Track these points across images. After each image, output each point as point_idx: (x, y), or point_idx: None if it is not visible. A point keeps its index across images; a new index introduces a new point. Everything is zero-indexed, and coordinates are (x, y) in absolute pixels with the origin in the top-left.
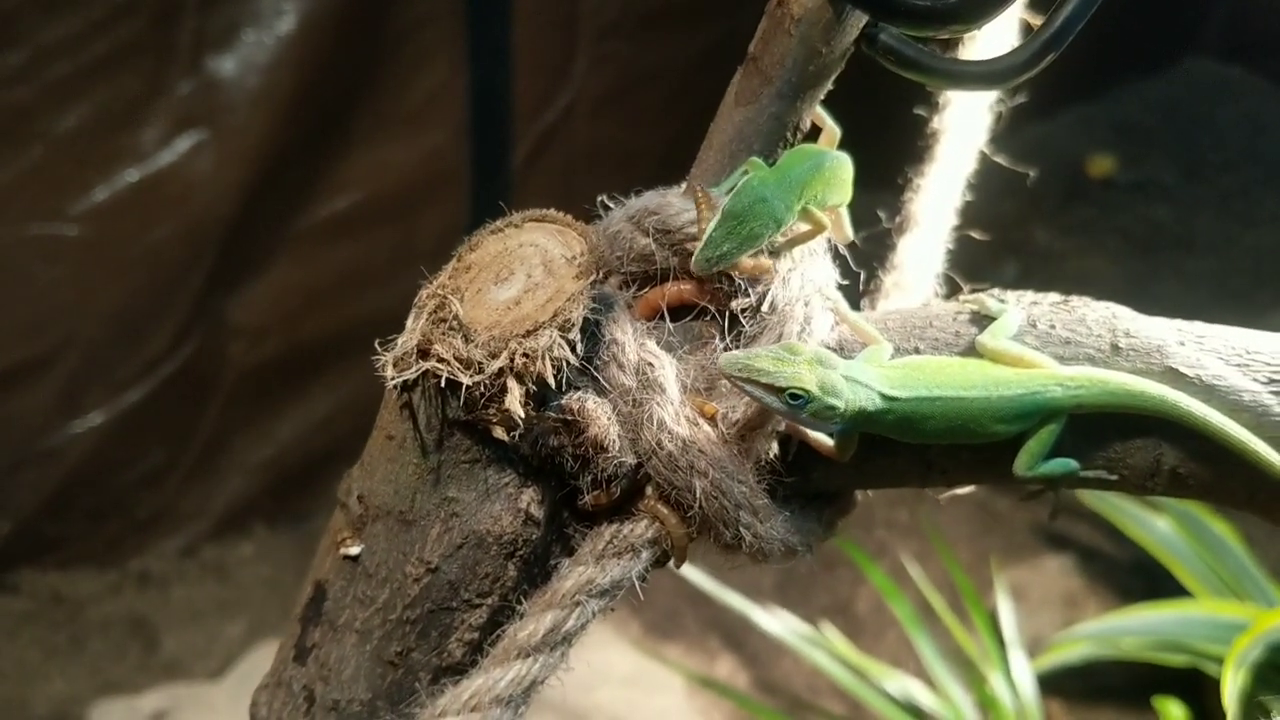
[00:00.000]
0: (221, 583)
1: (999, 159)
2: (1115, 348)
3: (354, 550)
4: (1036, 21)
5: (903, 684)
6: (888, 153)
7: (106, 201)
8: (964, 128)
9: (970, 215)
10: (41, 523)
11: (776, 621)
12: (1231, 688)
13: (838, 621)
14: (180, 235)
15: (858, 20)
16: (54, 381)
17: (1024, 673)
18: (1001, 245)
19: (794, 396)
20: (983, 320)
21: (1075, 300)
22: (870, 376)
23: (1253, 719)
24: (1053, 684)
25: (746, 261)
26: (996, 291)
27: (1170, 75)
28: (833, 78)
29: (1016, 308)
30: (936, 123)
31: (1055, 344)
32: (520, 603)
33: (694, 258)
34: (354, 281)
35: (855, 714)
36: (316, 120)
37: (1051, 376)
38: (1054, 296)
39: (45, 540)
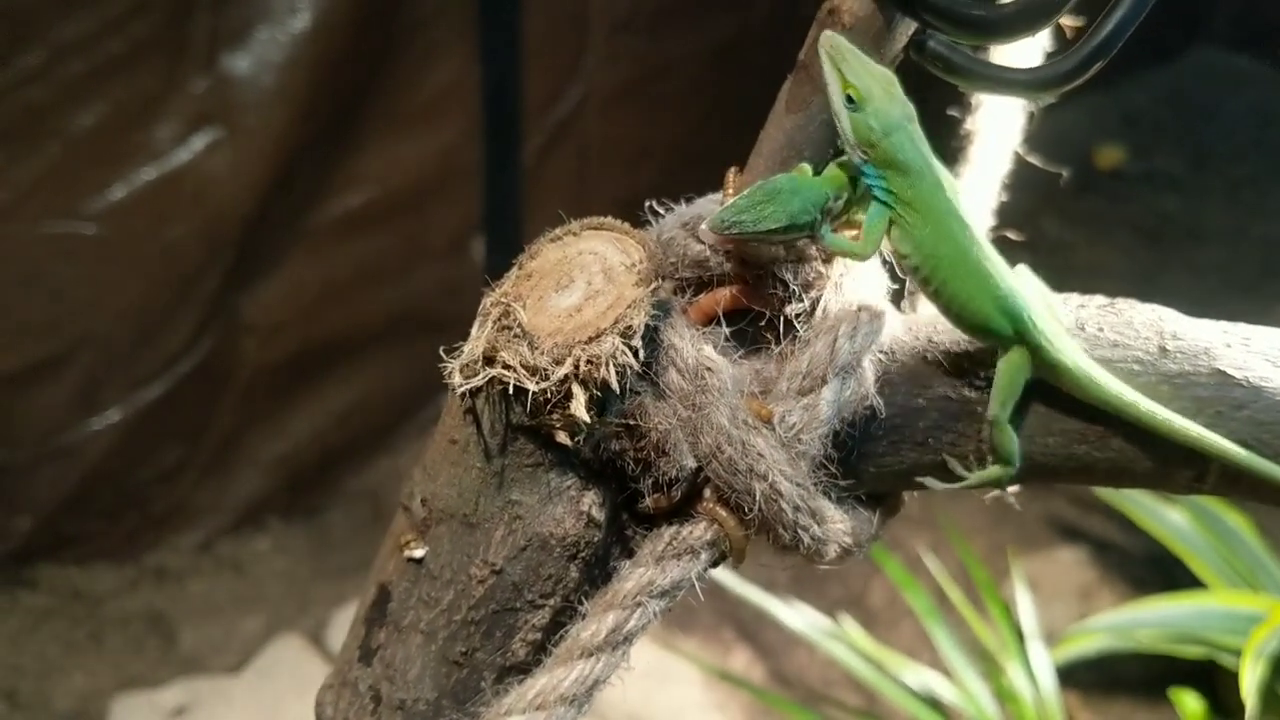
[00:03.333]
0: (238, 577)
1: (1032, 159)
2: (1163, 350)
3: (418, 553)
4: (1069, 23)
5: (920, 676)
6: None
7: (123, 200)
8: (997, 128)
9: None
10: (60, 519)
11: (795, 615)
12: (1250, 680)
13: (852, 614)
14: (196, 233)
15: (907, 27)
16: (72, 379)
17: (1043, 665)
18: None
19: (850, 99)
20: None
21: (1121, 303)
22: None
23: (1271, 711)
24: (1068, 676)
25: (773, 250)
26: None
27: (1178, 66)
28: None
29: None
30: (970, 124)
31: (1104, 346)
32: (582, 603)
33: (709, 218)
34: (368, 277)
35: (871, 705)
36: (330, 117)
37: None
38: (1100, 299)
39: (64, 536)
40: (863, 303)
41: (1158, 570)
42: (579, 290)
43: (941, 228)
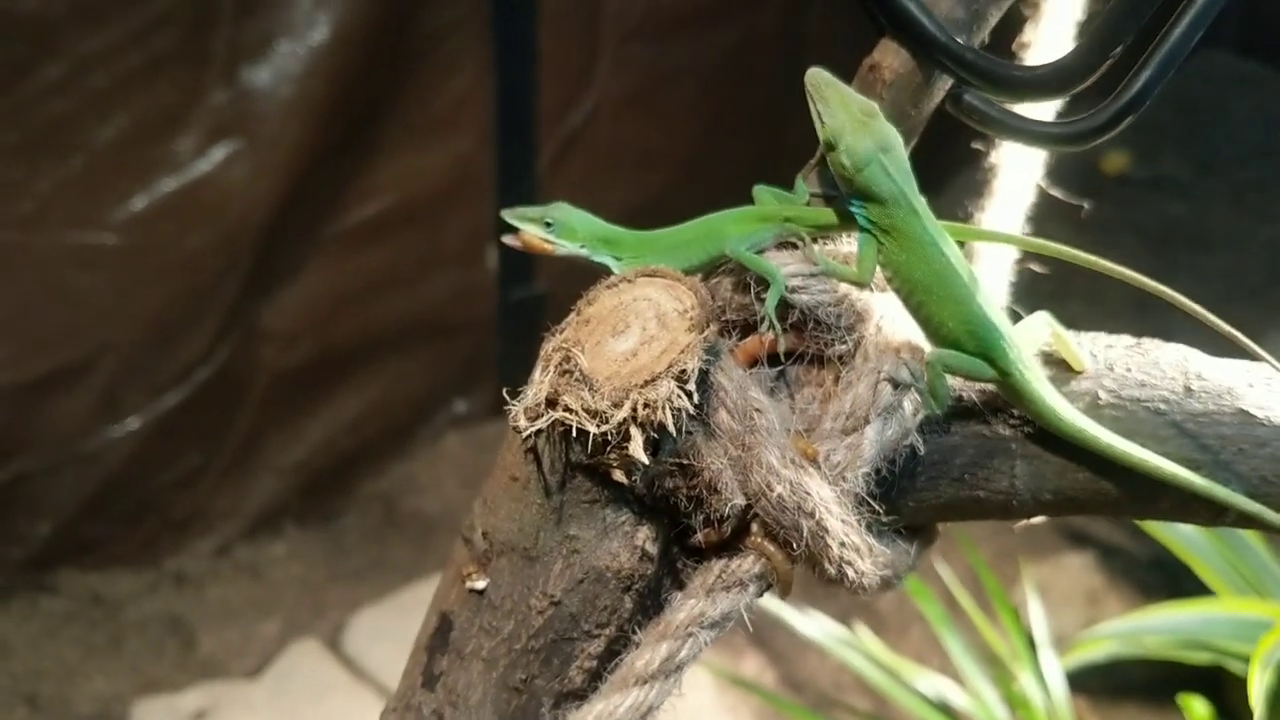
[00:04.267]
0: (255, 582)
1: (1055, 192)
2: (1188, 390)
3: (480, 584)
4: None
5: (931, 682)
6: (946, 187)
7: (144, 210)
8: (1020, 161)
9: None
10: (80, 524)
11: (807, 620)
12: (1258, 687)
13: (863, 619)
14: (215, 243)
15: (944, 83)
16: (93, 386)
17: (1054, 671)
18: (967, 218)
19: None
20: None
21: (1147, 343)
22: None
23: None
24: (1076, 681)
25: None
26: (1065, 330)
27: (1185, 69)
28: (916, 137)
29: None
30: (994, 157)
31: (1132, 386)
32: (635, 632)
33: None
34: (383, 284)
35: (881, 711)
36: (347, 128)
37: None
38: (1126, 339)
39: (84, 541)
40: (903, 342)
41: (1164, 576)
42: (634, 335)
43: (917, 253)
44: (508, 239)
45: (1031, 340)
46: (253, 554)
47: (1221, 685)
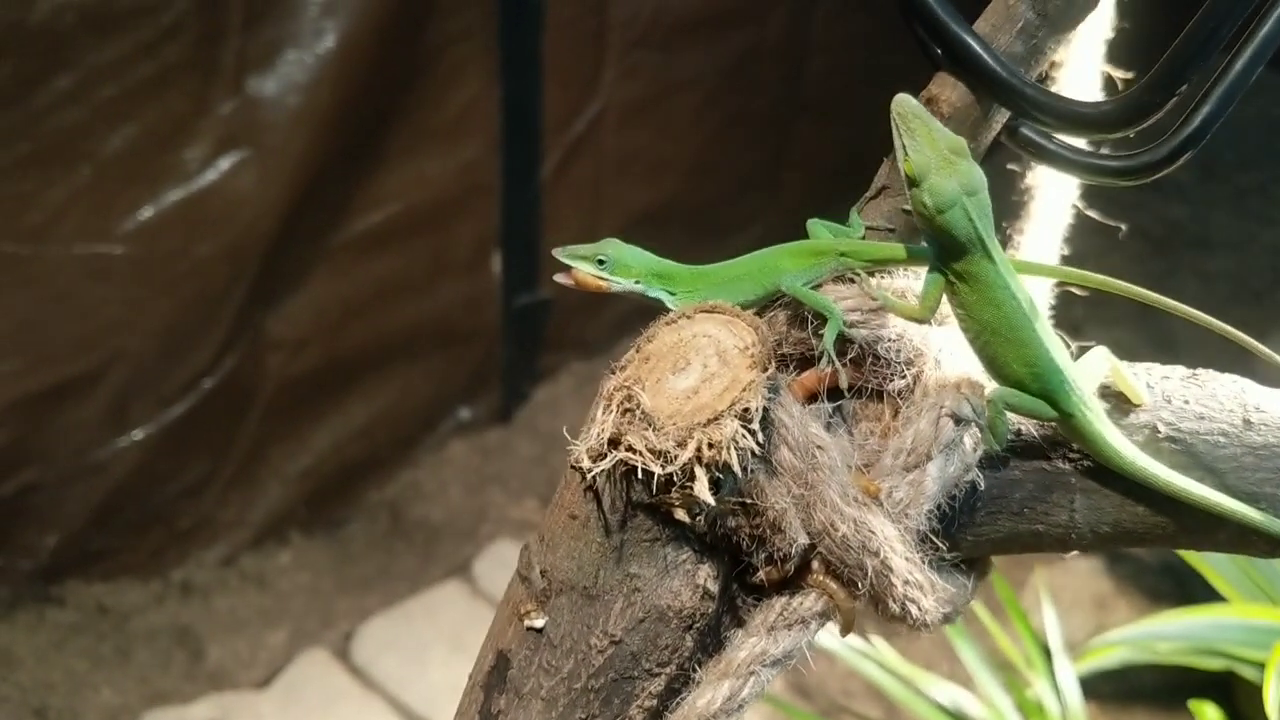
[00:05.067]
0: (262, 591)
1: (1092, 213)
2: (1247, 422)
3: (539, 623)
4: (1119, 74)
5: (941, 688)
6: None
7: (152, 220)
8: (1056, 182)
9: None
10: (87, 535)
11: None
12: (1274, 695)
13: (872, 625)
14: (223, 252)
15: (1001, 115)
16: (102, 397)
17: (1069, 678)
18: (1005, 240)
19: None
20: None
21: (1204, 374)
22: None
23: None
24: (1087, 687)
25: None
26: (1122, 364)
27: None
28: None
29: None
30: (1030, 178)
31: (1190, 419)
32: (696, 670)
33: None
34: (390, 293)
35: (891, 717)
36: (354, 136)
37: None
38: (1181, 370)
39: (90, 552)
40: (962, 377)
41: (1173, 581)
42: (695, 373)
43: (987, 296)
44: (560, 278)
45: (1091, 376)
46: (260, 563)
47: (1233, 691)
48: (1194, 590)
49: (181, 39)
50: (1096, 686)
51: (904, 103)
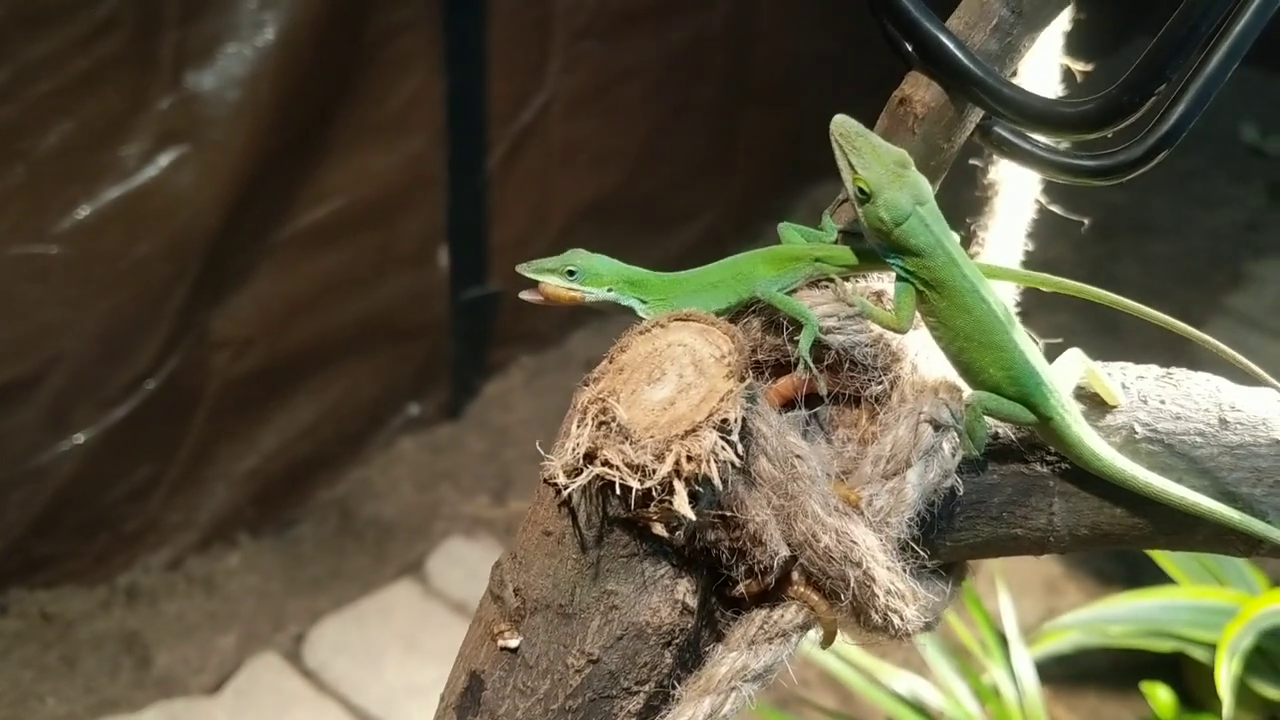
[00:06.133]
0: (210, 595)
1: (1054, 208)
2: (1223, 422)
3: (513, 643)
4: (1078, 67)
5: (897, 675)
6: (944, 205)
7: (90, 219)
8: (1019, 177)
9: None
10: (29, 542)
11: None
12: (1225, 676)
13: (848, 635)
14: (163, 250)
15: (975, 114)
16: (41, 400)
17: (1025, 664)
18: (969, 236)
19: (861, 191)
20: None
21: (1178, 373)
22: None
23: (1245, 705)
24: (1040, 671)
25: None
26: (1097, 364)
27: (1122, 58)
28: (947, 170)
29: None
30: (993, 174)
31: (1167, 419)
32: (674, 687)
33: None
34: (336, 289)
35: (848, 706)
36: (297, 130)
37: None
38: (1155, 370)
39: (33, 559)
40: (940, 381)
41: (1122, 564)
42: (671, 383)
43: (957, 301)
44: (527, 295)
45: (1066, 378)
46: (207, 566)
47: (1182, 672)
48: (1143, 573)
49: (117, 33)
50: (1049, 670)
51: (844, 123)
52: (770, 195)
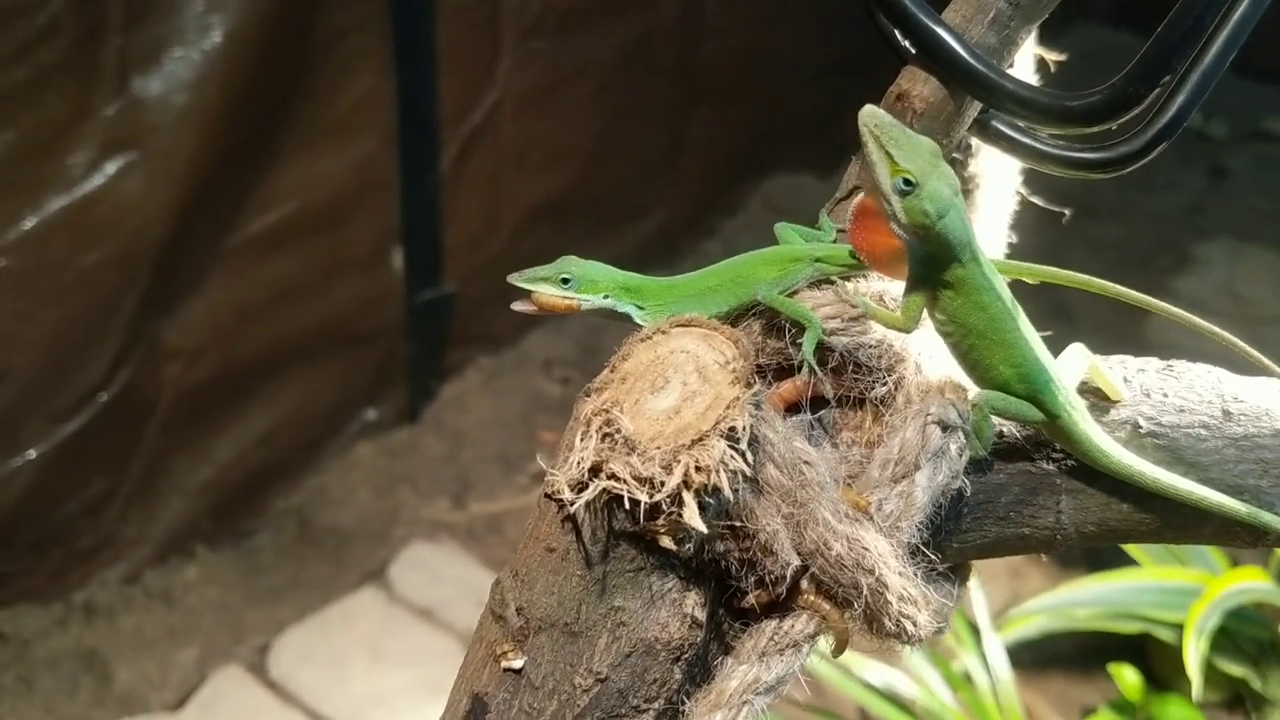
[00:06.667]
0: (169, 609)
1: (1036, 199)
2: (1227, 413)
3: (517, 663)
4: (1050, 56)
5: (873, 667)
6: None
7: (35, 230)
8: (1000, 170)
9: None
10: None
11: None
12: (1193, 656)
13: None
14: (112, 260)
15: (974, 109)
16: None
17: (997, 651)
18: None
19: (906, 182)
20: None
21: (1179, 365)
22: None
23: (1212, 683)
24: (1008, 656)
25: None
26: (1098, 358)
27: (1061, 42)
28: None
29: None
30: (974, 166)
31: (1170, 412)
32: (684, 702)
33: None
34: (288, 295)
35: (819, 698)
36: (245, 135)
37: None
38: (1156, 362)
39: None
40: (945, 381)
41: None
42: (675, 391)
43: (974, 299)
44: (519, 305)
45: (1070, 374)
46: (165, 580)
47: (1148, 653)
48: (1105, 555)
49: (58, 40)
50: (1016, 655)
51: (875, 114)
52: (723, 190)
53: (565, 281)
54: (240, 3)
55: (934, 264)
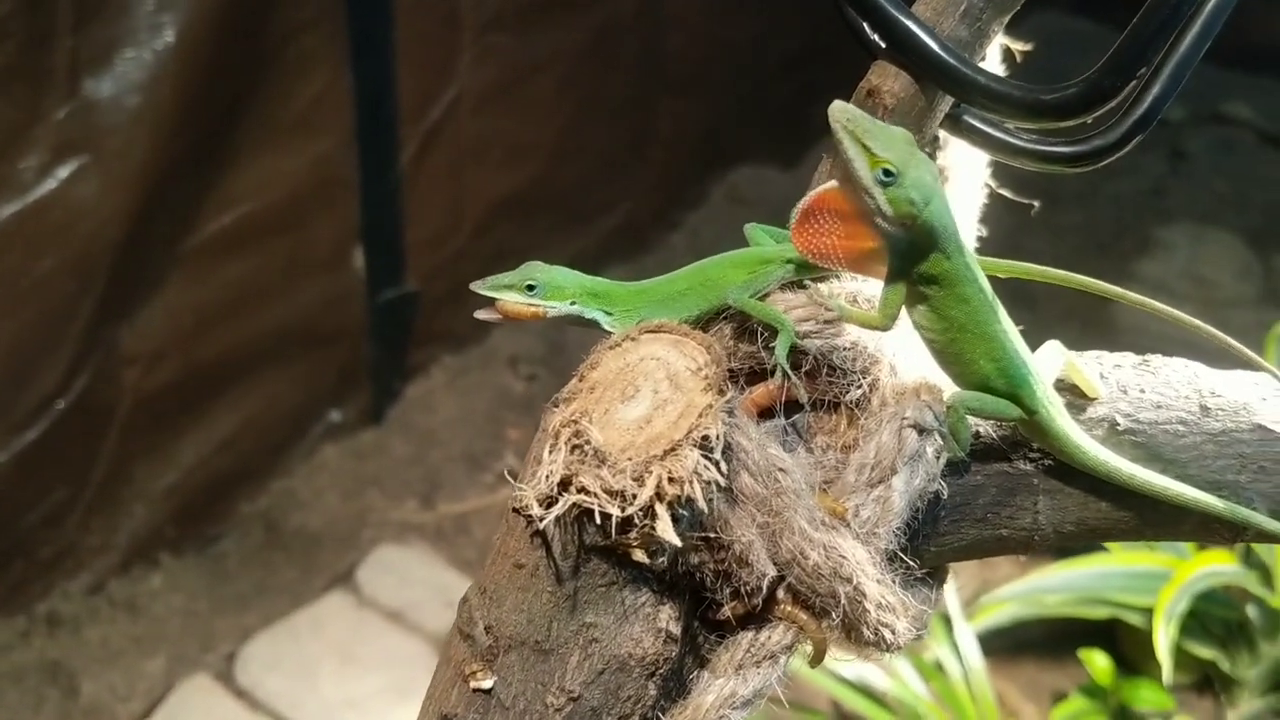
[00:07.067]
0: (134, 618)
1: (1004, 191)
2: (1204, 409)
3: (486, 684)
4: (1016, 46)
5: (841, 658)
6: None
7: None
8: (968, 163)
9: None
10: None
11: None
12: (1163, 640)
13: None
14: (67, 266)
15: (945, 104)
16: None
17: (969, 640)
18: None
19: (886, 173)
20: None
21: (1155, 360)
22: None
23: (1182, 667)
24: (979, 644)
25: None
26: (1074, 355)
27: (1020, 30)
28: None
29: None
30: (942, 159)
31: (1148, 408)
32: (659, 718)
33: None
34: (248, 297)
35: (790, 691)
36: (201, 135)
37: None
38: (1132, 357)
39: None
40: (920, 383)
41: None
42: (646, 400)
43: (957, 292)
44: (482, 314)
45: (1047, 372)
46: (129, 589)
47: (1117, 638)
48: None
49: (6, 43)
50: (987, 642)
51: (846, 109)
52: (688, 183)
53: (530, 288)
54: (192, 2)
55: (916, 255)
